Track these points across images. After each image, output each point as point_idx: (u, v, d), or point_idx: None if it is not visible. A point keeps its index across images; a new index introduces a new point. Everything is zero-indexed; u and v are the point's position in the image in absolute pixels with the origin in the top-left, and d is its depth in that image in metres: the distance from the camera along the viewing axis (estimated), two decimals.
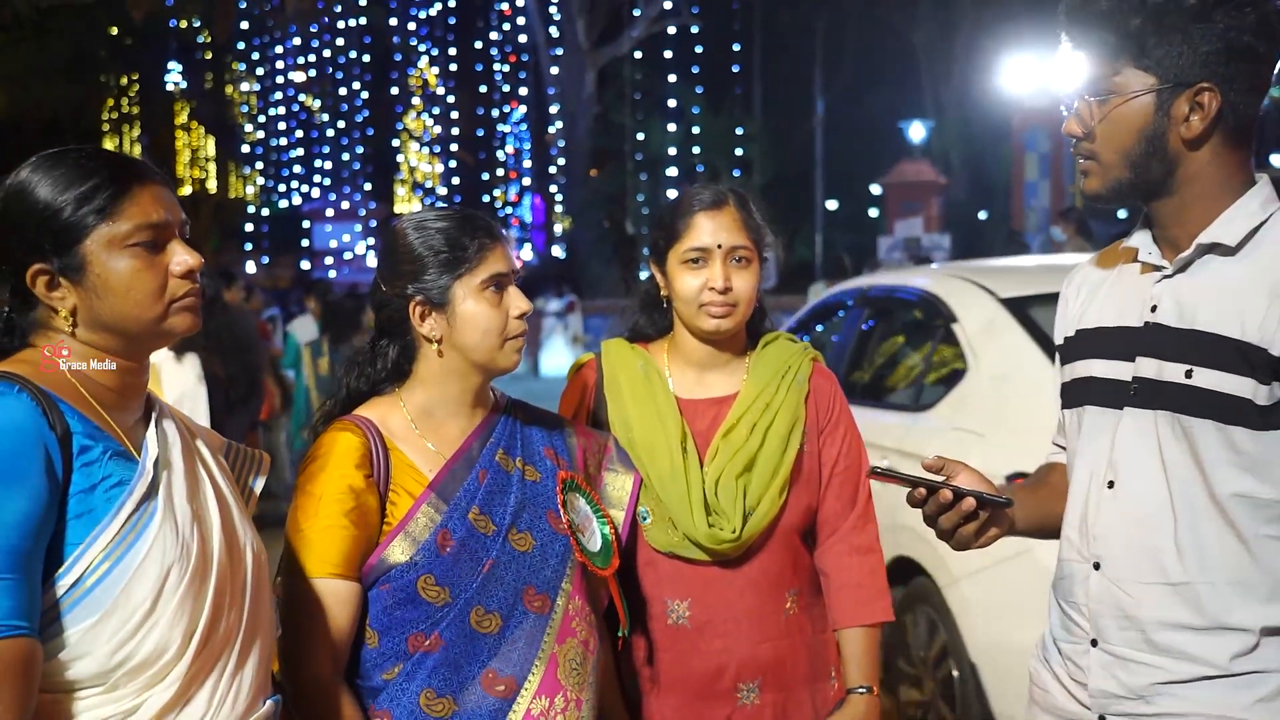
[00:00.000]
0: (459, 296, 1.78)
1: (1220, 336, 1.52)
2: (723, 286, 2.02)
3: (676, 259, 2.06)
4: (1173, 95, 1.54)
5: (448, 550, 1.73)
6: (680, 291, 2.06)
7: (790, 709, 2.07)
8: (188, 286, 1.45)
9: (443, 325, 1.79)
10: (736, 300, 2.04)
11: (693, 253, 2.04)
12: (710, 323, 2.04)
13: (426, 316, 1.80)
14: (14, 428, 1.28)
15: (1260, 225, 1.55)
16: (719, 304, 2.03)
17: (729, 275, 2.02)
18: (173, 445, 1.46)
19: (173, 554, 1.36)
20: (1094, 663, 1.63)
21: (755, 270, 2.07)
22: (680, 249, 2.06)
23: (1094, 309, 1.72)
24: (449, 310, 1.79)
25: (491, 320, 1.79)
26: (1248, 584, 1.52)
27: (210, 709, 1.40)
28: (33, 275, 1.39)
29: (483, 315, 1.78)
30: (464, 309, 1.78)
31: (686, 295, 2.05)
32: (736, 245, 2.04)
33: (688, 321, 2.09)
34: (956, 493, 1.63)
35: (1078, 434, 1.71)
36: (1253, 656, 1.52)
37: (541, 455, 1.90)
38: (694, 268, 2.04)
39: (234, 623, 1.45)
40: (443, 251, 1.79)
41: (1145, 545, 1.58)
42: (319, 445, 1.79)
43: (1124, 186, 1.61)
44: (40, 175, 1.40)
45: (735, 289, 2.03)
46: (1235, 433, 1.51)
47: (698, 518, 2.00)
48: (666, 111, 32.79)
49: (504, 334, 1.81)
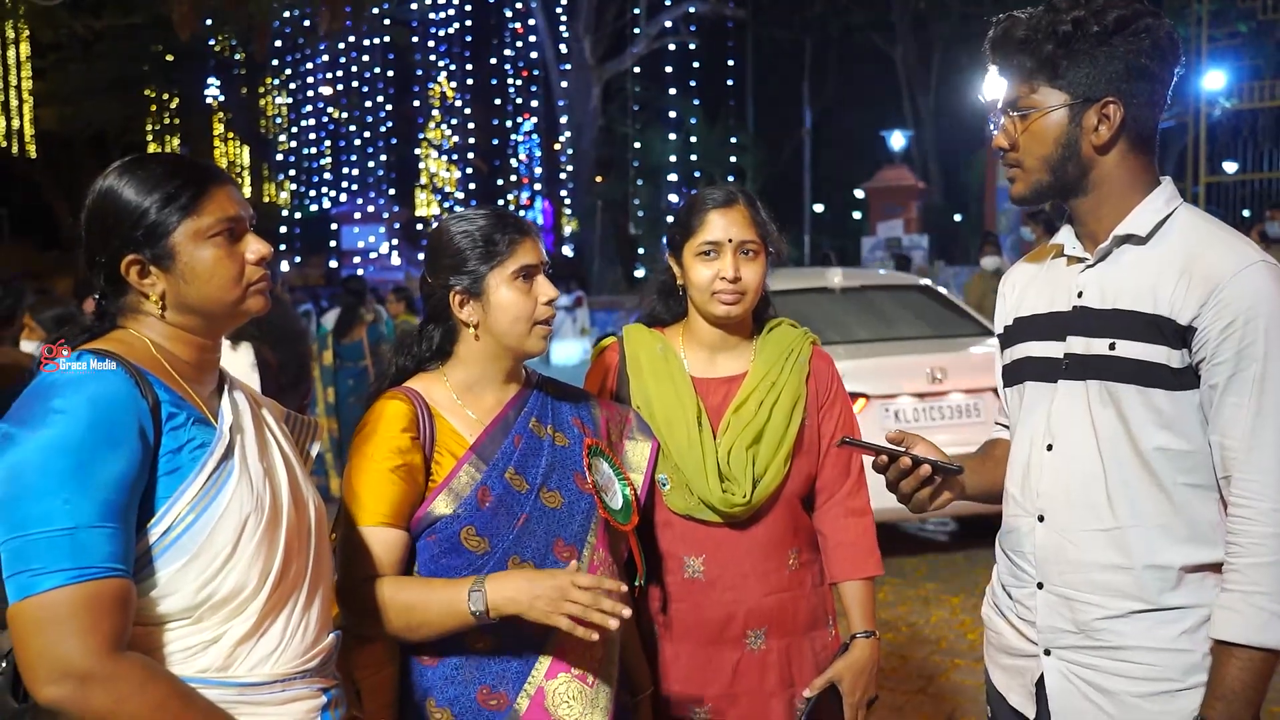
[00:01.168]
0: (493, 285, 1.84)
1: (1137, 313, 1.62)
2: (733, 276, 2.06)
3: (691, 252, 2.11)
4: (1083, 109, 1.65)
5: (487, 505, 1.79)
6: (695, 280, 2.10)
7: (792, 653, 2.13)
8: (261, 272, 1.51)
9: (479, 312, 1.84)
10: (745, 289, 2.09)
11: (706, 245, 2.09)
12: (721, 308, 2.09)
13: (465, 304, 1.85)
14: (113, 398, 1.34)
15: (1166, 218, 1.66)
16: (730, 292, 2.07)
17: (738, 266, 2.07)
18: (243, 412, 1.52)
19: (249, 505, 1.41)
20: (1040, 603, 1.71)
21: (762, 262, 2.12)
22: (695, 242, 2.10)
23: (1029, 299, 1.82)
24: (484, 298, 1.84)
25: (522, 307, 1.84)
26: (1169, 527, 1.61)
27: (283, 640, 1.45)
28: (127, 265, 1.44)
29: (513, 302, 1.83)
30: (497, 297, 1.83)
31: (700, 284, 2.09)
32: (745, 239, 2.09)
33: (701, 307, 2.14)
34: (915, 460, 1.74)
35: (1019, 407, 1.80)
36: (1178, 592, 1.61)
37: (570, 424, 1.95)
38: (707, 259, 2.09)
39: (301, 566, 1.50)
40: (479, 245, 1.85)
41: (1082, 497, 1.67)
42: (372, 412, 1.84)
43: (1045, 188, 1.71)
44: (127, 178, 1.45)
45: (744, 279, 2.08)
46: (1154, 394, 1.60)
47: (712, 484, 2.05)
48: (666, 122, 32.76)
49: (533, 319, 1.85)
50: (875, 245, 22.24)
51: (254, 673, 1.42)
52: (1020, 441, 1.78)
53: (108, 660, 1.27)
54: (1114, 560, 1.64)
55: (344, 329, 8.23)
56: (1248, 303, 1.53)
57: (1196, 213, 1.69)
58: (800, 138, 30.70)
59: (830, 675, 2.09)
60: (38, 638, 1.26)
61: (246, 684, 1.41)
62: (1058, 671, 1.69)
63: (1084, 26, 1.61)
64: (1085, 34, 1.62)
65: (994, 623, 1.84)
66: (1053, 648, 1.70)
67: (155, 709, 1.30)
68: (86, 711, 1.27)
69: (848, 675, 2.10)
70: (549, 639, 1.79)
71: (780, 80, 31.23)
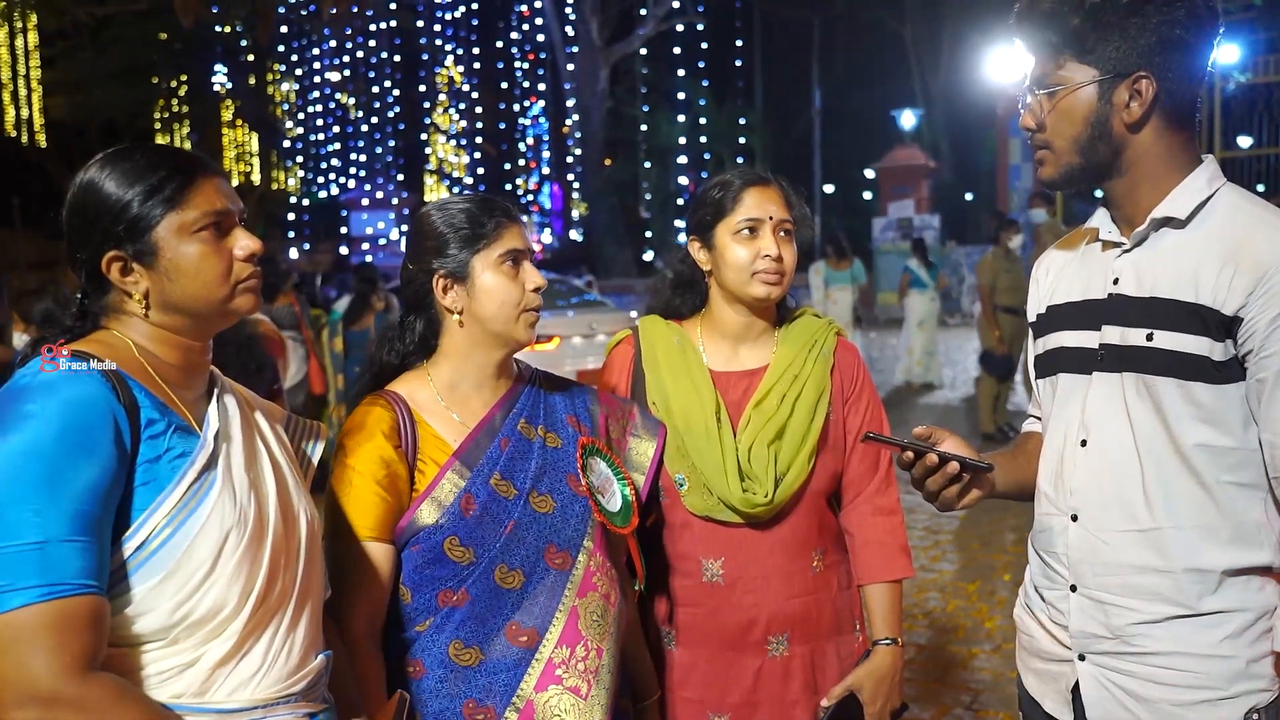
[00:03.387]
0: (478, 269, 1.76)
1: (1177, 301, 1.53)
2: (776, 254, 1.99)
3: (728, 231, 2.01)
4: (1113, 85, 1.55)
5: (470, 513, 1.71)
6: (732, 261, 2.01)
7: (817, 660, 2.04)
8: (250, 269, 1.42)
9: (463, 297, 1.77)
10: (786, 269, 2.01)
11: (746, 223, 2.00)
12: (763, 289, 2.00)
13: (449, 289, 1.77)
14: (87, 402, 1.26)
15: (1208, 199, 1.57)
16: (772, 271, 1.99)
17: (779, 245, 2.00)
18: (232, 419, 1.44)
19: (231, 519, 1.34)
20: (1074, 607, 1.63)
21: (794, 245, 2.04)
22: (732, 221, 2.01)
23: (1062, 286, 1.73)
24: (469, 283, 1.76)
25: (508, 292, 1.76)
26: (1211, 528, 1.53)
27: (266, 662, 1.38)
28: (108, 262, 1.36)
29: (499, 287, 1.76)
30: (482, 281, 1.76)
31: (739, 264, 2.00)
32: (783, 219, 2.02)
33: (738, 290, 2.04)
34: (942, 457, 1.63)
35: (1052, 400, 1.72)
36: (1218, 596, 1.53)
37: (564, 422, 1.87)
38: (746, 238, 2.00)
39: (288, 584, 1.42)
40: (463, 228, 1.77)
41: (1117, 496, 1.58)
42: (353, 418, 1.77)
43: (1075, 170, 1.62)
44: (109, 170, 1.37)
45: (785, 258, 2.00)
46: (1194, 388, 1.51)
47: (732, 483, 1.97)
48: (674, 104, 32.70)
49: (520, 306, 1.77)
50: (886, 225, 22.18)
51: (233, 698, 1.34)
52: (1053, 436, 1.69)
53: (77, 682, 1.19)
54: (1151, 563, 1.55)
55: (353, 317, 8.24)
56: None
57: (1241, 193, 1.59)
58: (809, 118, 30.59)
59: (849, 683, 2.01)
60: (3, 659, 1.18)
61: (225, 710, 1.33)
62: (1093, 678, 1.61)
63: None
64: (1114, 5, 1.52)
65: (1026, 625, 1.76)
66: (1087, 653, 1.62)
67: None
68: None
69: (868, 684, 2.01)
70: (537, 648, 1.72)
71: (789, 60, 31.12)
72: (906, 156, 23.05)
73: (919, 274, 12.41)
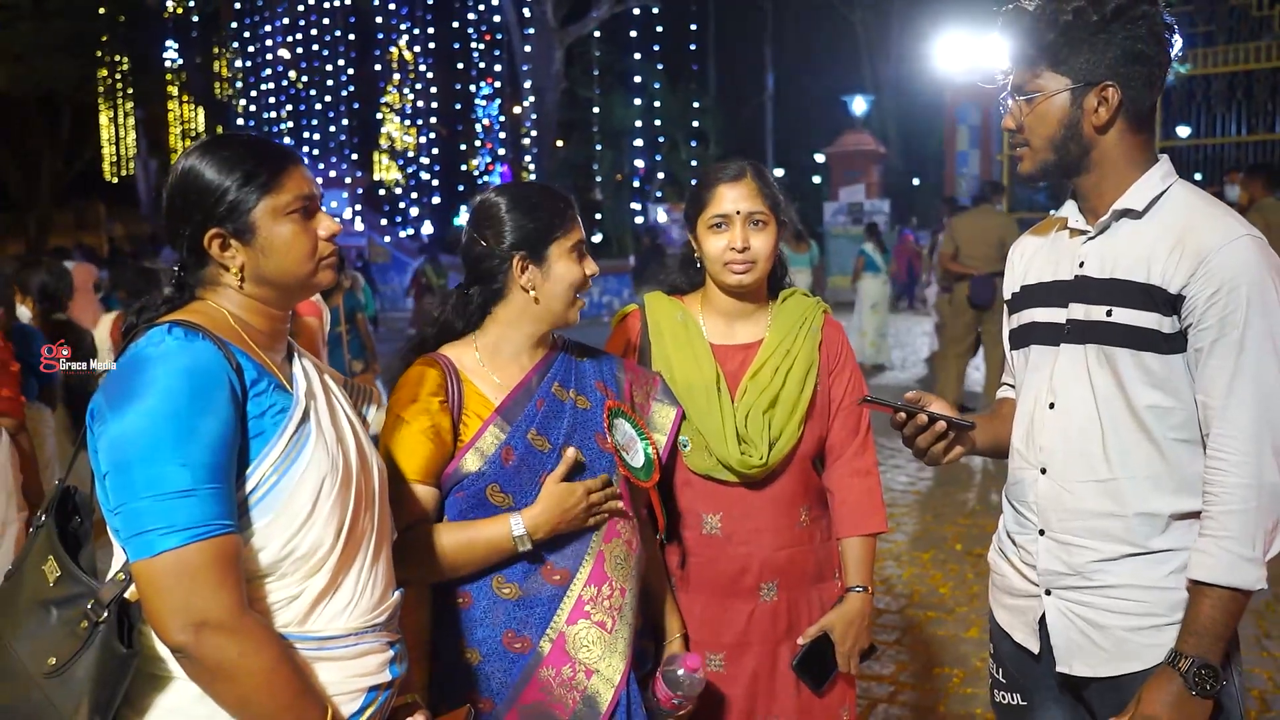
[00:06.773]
0: (554, 255, 1.96)
1: (1133, 282, 1.75)
2: (741, 246, 2.16)
3: (704, 225, 2.21)
4: (1083, 92, 1.77)
5: (510, 463, 1.90)
6: (708, 252, 2.21)
7: (800, 603, 2.26)
8: (331, 248, 1.59)
9: (538, 278, 1.95)
10: (754, 258, 2.18)
11: (716, 218, 2.19)
12: (733, 278, 2.19)
13: (526, 269, 1.95)
14: (207, 367, 1.41)
15: (1162, 194, 1.78)
16: (739, 261, 2.17)
17: (747, 237, 2.17)
18: (313, 379, 1.60)
19: (325, 467, 1.50)
20: (1042, 548, 1.85)
21: (772, 232, 2.21)
22: (706, 216, 2.21)
23: (1034, 268, 1.95)
24: (545, 267, 1.95)
25: (576, 276, 1.97)
26: (1159, 478, 1.75)
27: (355, 595, 1.54)
28: (210, 238, 1.51)
29: (570, 273, 1.96)
30: (559, 267, 1.96)
31: (713, 255, 2.20)
32: (754, 211, 2.19)
33: (714, 277, 2.24)
34: (931, 417, 1.89)
35: (1024, 368, 1.93)
36: (1165, 536, 1.75)
37: (592, 387, 2.05)
38: (718, 231, 2.19)
39: (367, 524, 1.59)
40: (546, 217, 1.96)
41: (1081, 451, 1.80)
42: (406, 377, 1.95)
43: (1050, 166, 1.83)
44: (208, 158, 1.51)
45: (753, 248, 2.18)
46: (1146, 357, 1.73)
47: (731, 446, 2.16)
48: (629, 87, 32.60)
49: (580, 290, 1.99)
50: (838, 210, 22.36)
51: (330, 626, 1.50)
52: (1025, 400, 1.91)
53: (239, 614, 1.36)
54: (1108, 509, 1.77)
55: (324, 295, 8.26)
56: (1231, 273, 1.66)
57: (1190, 189, 1.81)
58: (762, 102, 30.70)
59: (822, 624, 2.23)
60: (174, 590, 1.34)
61: (325, 637, 1.49)
62: (1057, 610, 1.83)
63: (1084, 15, 1.73)
64: (1085, 22, 1.73)
65: (999, 566, 1.98)
66: (1053, 588, 1.84)
67: (269, 669, 1.38)
68: (209, 658, 1.35)
69: (839, 625, 2.23)
70: (569, 586, 1.91)
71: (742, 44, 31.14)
72: (857, 141, 23.17)
73: (874, 258, 12.65)
